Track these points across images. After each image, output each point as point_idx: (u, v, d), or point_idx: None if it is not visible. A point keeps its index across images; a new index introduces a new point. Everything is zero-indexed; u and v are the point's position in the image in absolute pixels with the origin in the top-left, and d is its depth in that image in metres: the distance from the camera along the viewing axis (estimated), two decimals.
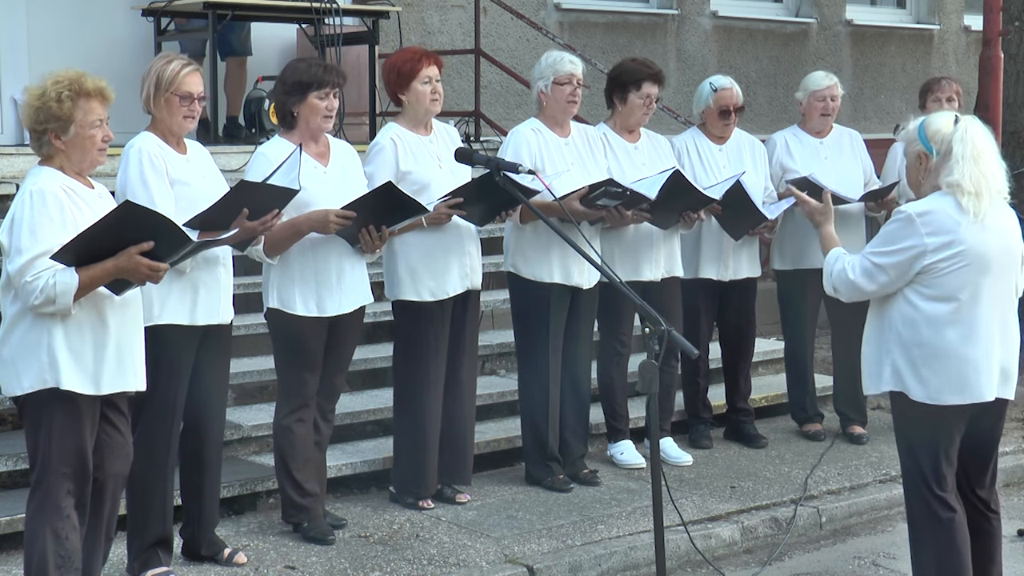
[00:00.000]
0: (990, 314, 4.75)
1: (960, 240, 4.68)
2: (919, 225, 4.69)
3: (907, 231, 4.72)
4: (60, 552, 4.57)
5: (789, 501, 6.64)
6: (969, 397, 4.76)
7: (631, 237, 6.86)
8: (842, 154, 7.67)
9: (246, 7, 8.43)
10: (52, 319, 4.49)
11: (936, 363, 4.73)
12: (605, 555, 5.87)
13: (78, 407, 4.57)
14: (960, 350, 4.72)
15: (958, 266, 4.69)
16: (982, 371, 4.75)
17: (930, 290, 4.72)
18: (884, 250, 4.77)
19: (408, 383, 6.23)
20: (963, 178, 4.68)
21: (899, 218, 4.77)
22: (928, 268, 4.70)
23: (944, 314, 4.72)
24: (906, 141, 4.91)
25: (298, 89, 5.67)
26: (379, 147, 6.12)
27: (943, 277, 4.70)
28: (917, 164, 4.84)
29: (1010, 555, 5.34)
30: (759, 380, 8.20)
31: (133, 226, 4.48)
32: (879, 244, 4.81)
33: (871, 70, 13.08)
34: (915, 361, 4.76)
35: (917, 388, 4.77)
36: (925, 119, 4.84)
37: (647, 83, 6.90)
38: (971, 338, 4.73)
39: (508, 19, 10.43)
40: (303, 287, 5.69)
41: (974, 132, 4.74)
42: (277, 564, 5.59)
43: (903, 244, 4.72)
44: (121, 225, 4.46)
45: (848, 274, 4.84)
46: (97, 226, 4.42)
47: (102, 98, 4.60)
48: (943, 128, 4.76)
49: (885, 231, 4.80)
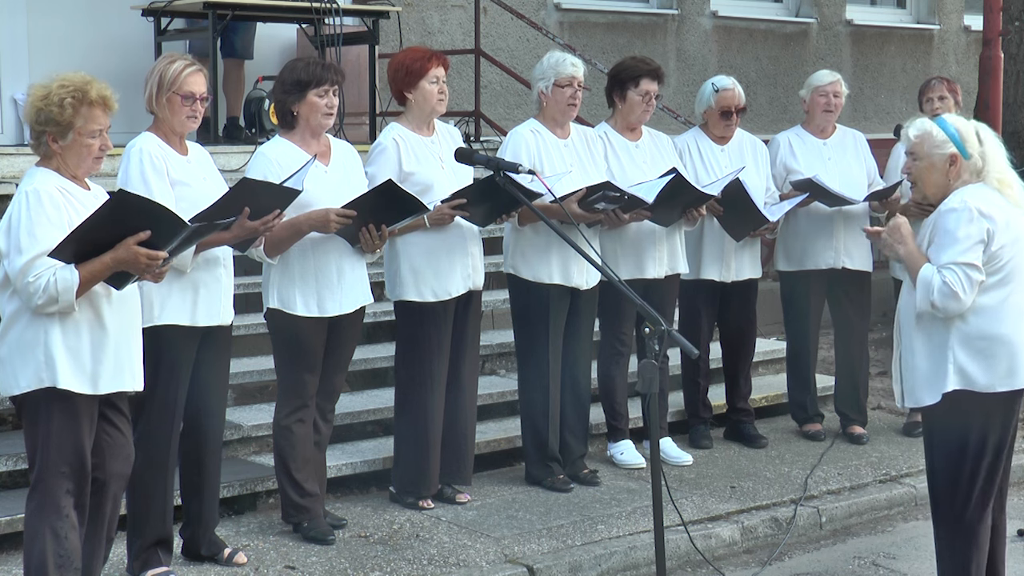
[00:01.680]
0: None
1: (1012, 225, 4.75)
2: (980, 215, 4.71)
3: (970, 220, 4.71)
4: (59, 551, 4.57)
5: (789, 501, 6.64)
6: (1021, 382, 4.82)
7: (634, 235, 6.86)
8: (846, 155, 7.66)
9: (246, 7, 8.43)
10: (49, 318, 4.49)
11: (1001, 350, 4.75)
12: (605, 555, 5.87)
13: (76, 406, 4.57)
14: (1018, 335, 4.78)
15: (1013, 251, 4.75)
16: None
17: (992, 278, 4.74)
18: (969, 251, 4.71)
19: (409, 383, 6.23)
20: (1005, 173, 4.81)
21: (959, 214, 4.73)
22: (993, 254, 4.73)
23: (1003, 300, 4.75)
24: (929, 144, 4.86)
25: (297, 88, 5.67)
26: (381, 147, 6.12)
27: (1005, 264, 4.74)
28: (946, 165, 4.83)
29: (1011, 555, 5.34)
30: (759, 380, 8.20)
31: (128, 216, 4.46)
32: (955, 246, 4.72)
33: (871, 70, 13.08)
34: (981, 352, 4.75)
35: (985, 378, 4.76)
36: (947, 123, 4.84)
37: (645, 80, 6.90)
38: (1021, 322, 4.80)
39: (508, 19, 10.43)
40: (303, 287, 5.69)
41: (988, 131, 4.89)
42: (277, 564, 5.59)
43: (974, 232, 4.71)
44: (116, 216, 4.44)
45: (950, 288, 4.68)
46: (92, 219, 4.41)
47: (105, 107, 4.59)
48: (971, 131, 4.84)
49: (947, 231, 4.73)
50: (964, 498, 4.86)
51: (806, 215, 7.53)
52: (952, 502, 4.89)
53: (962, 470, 4.85)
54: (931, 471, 4.96)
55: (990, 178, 4.81)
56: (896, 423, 8.06)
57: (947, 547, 4.95)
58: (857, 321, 7.71)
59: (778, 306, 7.93)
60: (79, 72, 4.62)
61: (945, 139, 4.82)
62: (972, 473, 4.83)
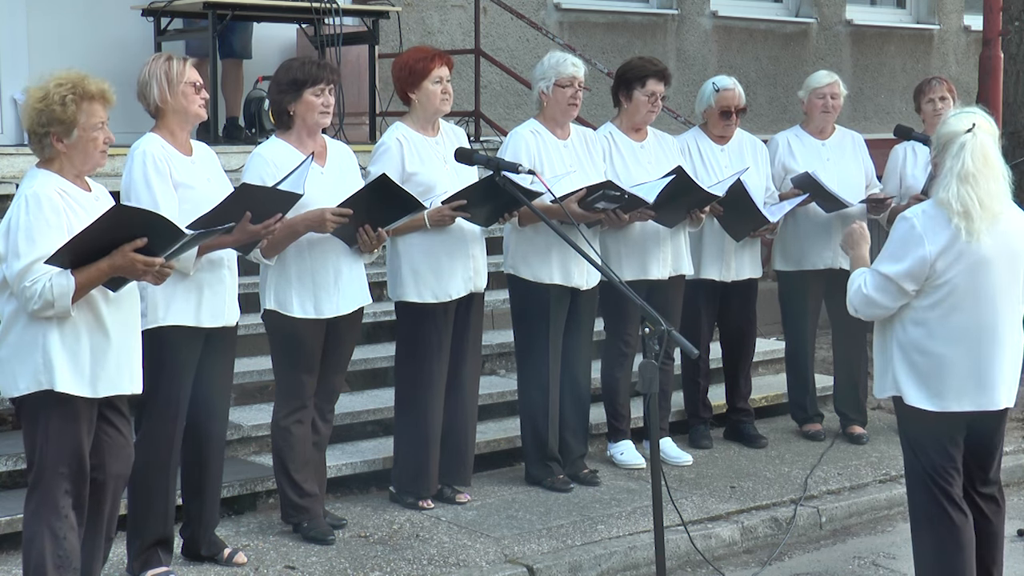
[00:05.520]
0: (992, 323, 4.71)
1: (959, 247, 4.62)
2: (921, 233, 4.65)
3: (911, 239, 4.67)
4: (58, 552, 4.57)
5: (789, 501, 6.64)
6: (969, 405, 4.74)
7: (638, 235, 6.86)
8: (844, 156, 7.67)
9: (246, 7, 8.44)
10: (48, 321, 4.49)
11: (933, 370, 4.72)
12: (605, 555, 5.87)
13: (74, 408, 4.57)
14: (958, 358, 4.70)
15: (956, 272, 4.64)
16: (983, 380, 4.72)
17: (931, 296, 4.69)
18: (894, 263, 4.69)
19: (410, 384, 6.23)
20: (950, 197, 4.61)
21: (903, 226, 4.72)
22: (932, 274, 4.66)
23: (943, 321, 4.69)
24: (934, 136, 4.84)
25: (293, 87, 5.67)
26: (384, 147, 6.11)
27: (943, 284, 4.66)
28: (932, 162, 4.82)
29: (1010, 555, 5.34)
30: (759, 380, 8.20)
31: (126, 226, 4.47)
32: (888, 256, 4.74)
33: (871, 70, 13.07)
34: (915, 367, 4.74)
35: (917, 395, 4.76)
36: (951, 114, 4.77)
37: (652, 80, 6.90)
38: (969, 347, 4.70)
39: (508, 19, 10.43)
40: (300, 288, 5.68)
41: (974, 150, 4.62)
42: (277, 564, 5.59)
43: (910, 253, 4.66)
44: (114, 226, 4.45)
45: (862, 290, 4.78)
46: (90, 229, 4.42)
47: (104, 100, 4.60)
48: (949, 134, 4.68)
49: (891, 239, 4.75)
50: (922, 493, 4.88)
51: (804, 215, 7.53)
52: (912, 495, 4.94)
53: (914, 467, 4.90)
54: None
55: (935, 195, 4.67)
56: (896, 423, 8.03)
57: (914, 541, 4.99)
58: (855, 321, 7.60)
59: (778, 306, 7.93)
60: (71, 69, 4.63)
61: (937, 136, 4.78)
62: (925, 470, 4.85)
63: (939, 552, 4.85)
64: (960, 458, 4.86)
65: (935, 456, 4.83)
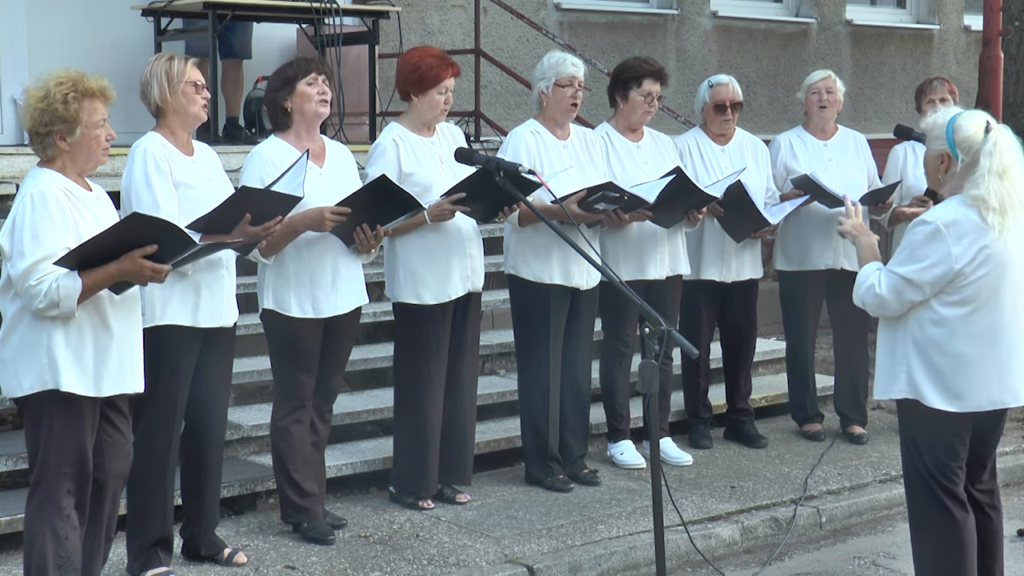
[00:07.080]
0: (1011, 320, 4.69)
1: (987, 247, 4.61)
2: (947, 236, 4.61)
3: (935, 244, 4.62)
4: (59, 552, 4.57)
5: (789, 501, 6.64)
6: (990, 403, 4.72)
7: (635, 236, 6.86)
8: (846, 156, 7.67)
9: (246, 7, 8.44)
10: (52, 320, 4.49)
11: (954, 369, 4.68)
12: (605, 555, 5.87)
13: (78, 408, 4.57)
14: (982, 357, 4.67)
15: (984, 273, 4.62)
16: (1004, 378, 4.71)
17: (953, 296, 4.65)
18: (915, 267, 4.64)
19: (409, 384, 6.23)
20: (988, 194, 4.59)
21: (926, 230, 4.65)
22: (957, 276, 4.63)
23: (966, 320, 4.66)
24: (930, 136, 4.80)
25: (286, 83, 5.70)
26: (381, 148, 6.11)
27: (969, 285, 4.63)
28: (938, 163, 4.76)
29: (1010, 555, 5.34)
30: (759, 380, 8.20)
31: (139, 233, 4.49)
32: (907, 258, 4.68)
33: (871, 70, 13.07)
34: (935, 367, 4.69)
35: (935, 396, 4.70)
36: (956, 118, 4.71)
37: (648, 80, 6.89)
38: (992, 344, 4.68)
39: (508, 19, 10.43)
40: (298, 288, 5.68)
41: (1003, 145, 4.63)
42: (277, 564, 5.59)
43: (934, 258, 4.61)
44: (128, 234, 4.47)
45: (875, 289, 4.72)
46: (105, 235, 4.43)
47: (104, 97, 4.62)
48: (973, 135, 4.65)
49: (911, 242, 4.67)
50: (924, 493, 4.84)
51: (805, 216, 7.53)
52: (913, 495, 4.91)
53: (919, 468, 4.85)
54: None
55: (968, 193, 4.65)
56: (896, 423, 8.03)
57: (914, 542, 4.96)
58: (856, 321, 7.70)
59: (778, 306, 7.93)
60: (68, 68, 4.63)
61: (942, 135, 4.74)
62: (929, 470, 4.82)
63: (940, 552, 4.84)
64: (966, 456, 4.85)
65: (943, 456, 4.80)
